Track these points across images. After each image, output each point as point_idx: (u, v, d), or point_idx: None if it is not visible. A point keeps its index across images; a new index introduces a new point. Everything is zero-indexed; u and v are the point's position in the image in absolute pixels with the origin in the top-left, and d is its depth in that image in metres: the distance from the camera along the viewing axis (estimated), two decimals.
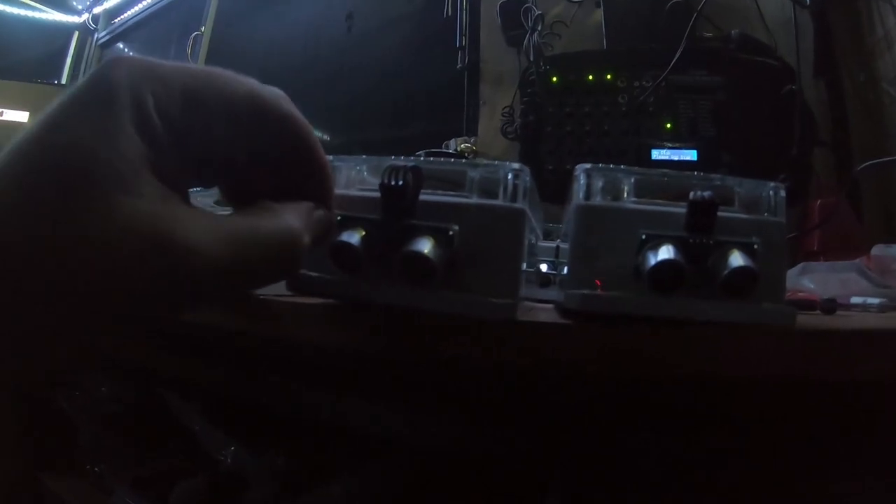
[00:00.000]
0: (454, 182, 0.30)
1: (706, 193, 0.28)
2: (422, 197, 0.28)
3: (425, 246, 0.26)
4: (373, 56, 1.50)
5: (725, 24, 0.95)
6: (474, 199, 0.28)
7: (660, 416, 0.39)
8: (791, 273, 0.59)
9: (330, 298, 0.32)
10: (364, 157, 0.33)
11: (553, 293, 0.40)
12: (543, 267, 0.39)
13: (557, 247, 0.41)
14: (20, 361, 0.18)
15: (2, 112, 2.55)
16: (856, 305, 0.51)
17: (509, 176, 0.28)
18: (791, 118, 0.83)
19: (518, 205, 0.28)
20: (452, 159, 0.84)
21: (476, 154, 1.06)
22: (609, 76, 0.90)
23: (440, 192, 0.29)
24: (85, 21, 2.87)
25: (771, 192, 0.31)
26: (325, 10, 1.66)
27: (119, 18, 2.71)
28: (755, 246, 0.28)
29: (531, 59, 0.97)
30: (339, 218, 0.29)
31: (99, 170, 0.18)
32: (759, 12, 0.98)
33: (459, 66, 1.21)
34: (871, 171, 0.74)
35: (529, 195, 0.30)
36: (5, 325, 0.17)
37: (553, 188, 0.72)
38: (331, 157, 0.33)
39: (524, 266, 0.30)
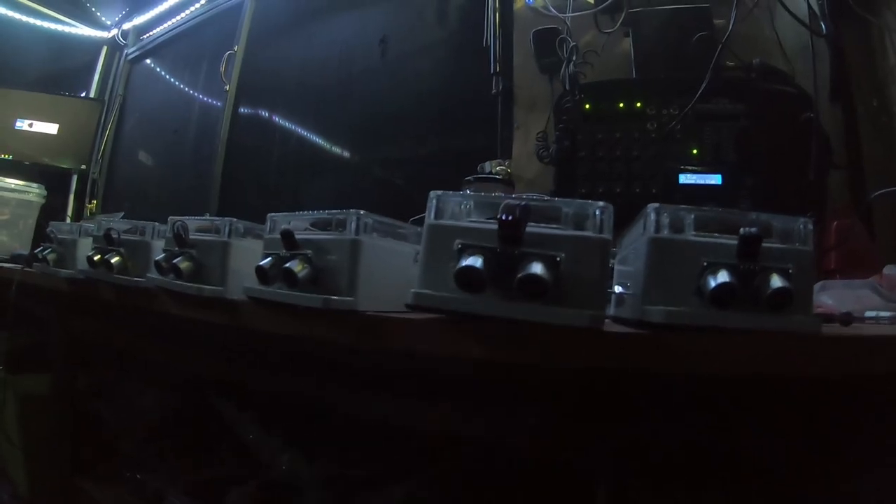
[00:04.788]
0: (549, 216, 0.37)
1: (753, 230, 0.35)
2: (528, 228, 0.36)
3: (540, 269, 0.33)
4: (407, 78, 1.55)
5: (747, 52, 1.01)
6: (571, 231, 0.36)
7: (706, 415, 0.45)
8: None
9: (454, 315, 0.38)
10: (468, 192, 0.40)
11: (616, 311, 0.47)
12: (618, 288, 0.46)
13: (613, 268, 0.48)
14: None
15: (31, 124, 2.65)
16: (869, 318, 0.58)
17: (597, 212, 0.36)
18: (808, 144, 0.90)
19: (605, 235, 0.36)
20: (546, 197, 0.92)
21: (510, 176, 1.12)
22: (639, 104, 0.98)
23: (542, 224, 0.36)
24: (114, 36, 2.96)
25: (801, 226, 0.38)
26: (359, 32, 1.71)
27: (148, 35, 2.79)
28: (790, 270, 0.36)
29: (566, 87, 1.04)
30: (459, 246, 0.36)
31: None
32: (779, 41, 1.04)
33: (494, 91, 1.26)
34: (884, 197, 0.81)
35: None
36: None
37: None
38: (440, 192, 0.41)
39: None
